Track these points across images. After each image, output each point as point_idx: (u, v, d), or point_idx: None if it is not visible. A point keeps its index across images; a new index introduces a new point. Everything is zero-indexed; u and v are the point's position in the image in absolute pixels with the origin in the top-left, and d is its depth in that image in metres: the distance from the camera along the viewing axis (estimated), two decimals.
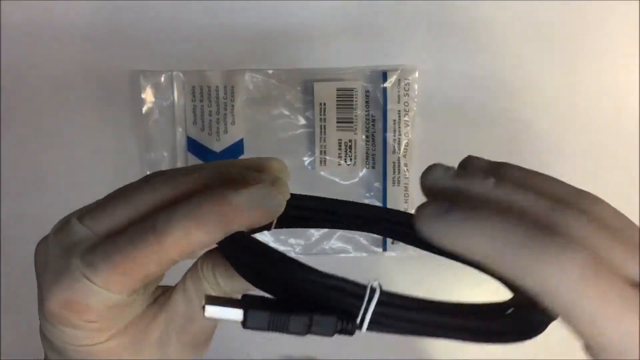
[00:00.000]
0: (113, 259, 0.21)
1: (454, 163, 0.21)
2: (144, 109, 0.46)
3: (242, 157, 0.46)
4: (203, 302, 0.20)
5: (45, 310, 0.22)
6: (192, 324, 0.24)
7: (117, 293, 0.21)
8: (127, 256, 0.20)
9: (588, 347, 0.17)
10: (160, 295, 0.25)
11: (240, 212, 0.21)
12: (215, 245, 0.22)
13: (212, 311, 0.20)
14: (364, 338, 0.20)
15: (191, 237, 0.20)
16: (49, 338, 0.23)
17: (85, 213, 0.22)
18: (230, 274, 0.23)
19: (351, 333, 0.19)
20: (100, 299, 0.21)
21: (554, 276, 0.16)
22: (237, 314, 0.19)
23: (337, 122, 0.45)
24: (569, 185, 0.19)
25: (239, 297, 0.22)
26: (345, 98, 0.45)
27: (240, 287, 0.23)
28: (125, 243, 0.21)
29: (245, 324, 0.19)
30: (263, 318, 0.19)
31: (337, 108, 0.45)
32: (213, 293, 0.23)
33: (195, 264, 0.24)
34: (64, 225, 0.23)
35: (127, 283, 0.21)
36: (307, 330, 0.19)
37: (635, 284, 0.17)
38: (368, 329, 0.19)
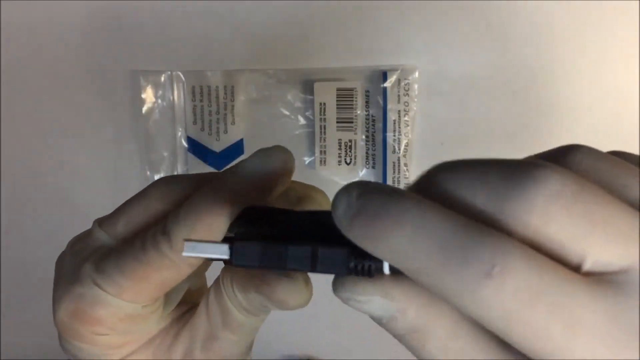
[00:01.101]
0: (125, 264, 0.19)
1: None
2: (144, 109, 0.46)
3: (241, 157, 0.46)
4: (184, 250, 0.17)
5: (55, 321, 0.20)
6: (215, 342, 0.22)
7: (130, 302, 0.19)
8: (140, 261, 0.19)
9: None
10: (187, 310, 0.23)
11: (236, 181, 0.19)
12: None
13: (191, 248, 0.17)
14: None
15: (198, 230, 0.18)
16: (68, 355, 0.21)
17: (106, 218, 0.21)
18: (247, 287, 0.21)
19: (370, 273, 0.15)
20: (111, 309, 0.19)
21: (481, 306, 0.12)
22: (221, 250, 0.17)
23: (337, 122, 0.45)
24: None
25: (258, 310, 0.20)
26: (345, 98, 0.45)
27: (257, 300, 0.21)
28: (138, 247, 0.19)
29: (231, 259, 0.16)
30: (254, 251, 0.16)
31: (337, 108, 0.45)
32: (233, 307, 0.21)
33: (218, 277, 0.23)
34: (83, 234, 0.21)
35: (141, 291, 0.19)
36: (312, 266, 0.15)
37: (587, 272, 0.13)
38: (392, 269, 0.14)
